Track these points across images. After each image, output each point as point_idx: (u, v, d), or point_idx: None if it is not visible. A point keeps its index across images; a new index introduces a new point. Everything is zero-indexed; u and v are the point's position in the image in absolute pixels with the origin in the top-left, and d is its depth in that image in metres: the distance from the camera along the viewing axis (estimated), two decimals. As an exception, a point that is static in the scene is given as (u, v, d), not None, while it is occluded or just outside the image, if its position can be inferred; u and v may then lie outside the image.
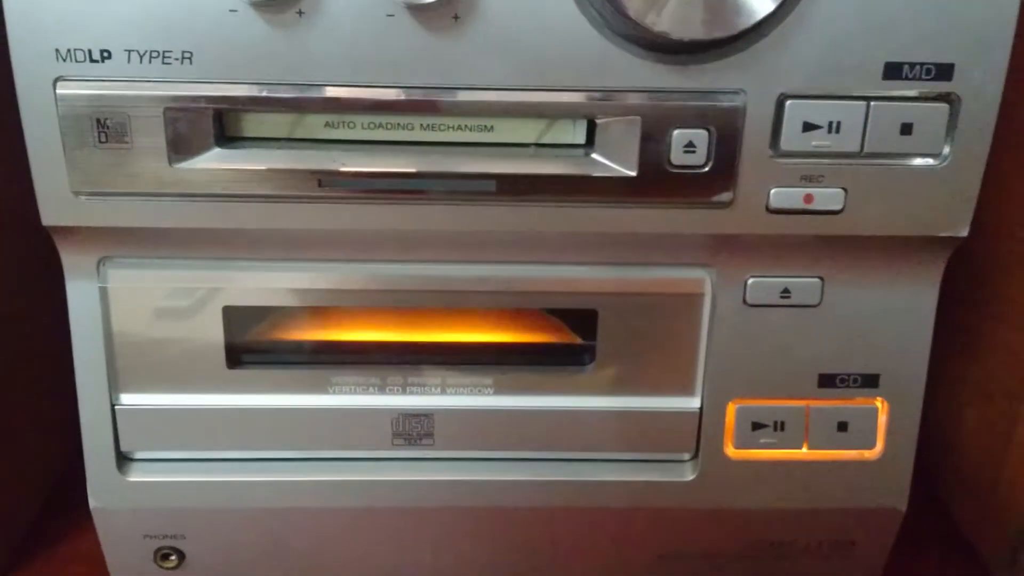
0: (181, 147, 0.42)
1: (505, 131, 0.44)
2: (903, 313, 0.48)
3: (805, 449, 0.50)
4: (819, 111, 0.42)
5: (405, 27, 0.40)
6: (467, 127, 0.44)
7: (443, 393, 0.49)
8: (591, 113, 0.42)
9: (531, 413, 0.49)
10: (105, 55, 0.41)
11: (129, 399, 0.48)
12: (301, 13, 0.40)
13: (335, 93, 0.42)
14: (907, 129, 0.43)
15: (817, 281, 0.47)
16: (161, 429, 0.49)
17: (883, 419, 0.50)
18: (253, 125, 0.43)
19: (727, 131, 0.42)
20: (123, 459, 0.49)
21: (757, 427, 0.49)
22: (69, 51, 0.40)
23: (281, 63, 0.41)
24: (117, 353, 0.47)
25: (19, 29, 0.40)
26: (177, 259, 0.46)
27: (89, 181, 0.43)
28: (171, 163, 0.42)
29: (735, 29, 0.39)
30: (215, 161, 0.43)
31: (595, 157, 0.43)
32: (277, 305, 0.48)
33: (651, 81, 0.42)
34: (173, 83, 0.41)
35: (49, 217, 0.44)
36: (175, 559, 0.52)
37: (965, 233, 0.45)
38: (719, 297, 0.47)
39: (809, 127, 0.43)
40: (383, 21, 0.40)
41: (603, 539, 0.52)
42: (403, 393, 0.49)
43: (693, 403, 0.49)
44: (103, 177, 0.42)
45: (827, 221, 0.44)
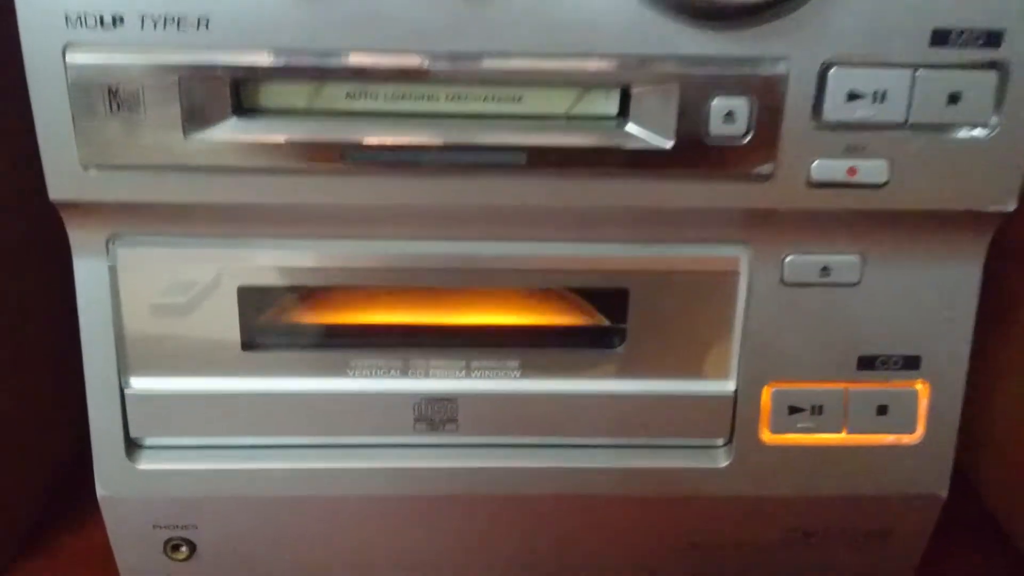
0: (196, 117, 0.40)
1: (535, 102, 0.42)
2: (946, 292, 0.46)
3: (844, 434, 0.48)
4: (864, 79, 0.41)
5: (431, -11, 0.38)
6: (495, 98, 0.42)
7: (467, 376, 0.47)
8: (626, 81, 0.41)
9: (559, 397, 0.47)
10: (117, 20, 0.39)
11: (139, 383, 0.46)
12: (323, -25, 0.38)
13: (358, 60, 0.40)
14: (954, 98, 0.41)
15: (857, 259, 0.45)
16: (172, 414, 0.47)
17: (924, 402, 0.48)
18: (271, 96, 0.41)
19: (769, 100, 0.40)
20: (132, 446, 0.47)
21: (794, 411, 0.47)
22: (79, 16, 0.38)
23: (302, 29, 0.39)
24: (127, 335, 0.46)
25: (26, -8, 0.38)
26: (190, 237, 0.44)
27: (99, 153, 0.41)
28: (186, 134, 0.40)
29: (779, -9, 0.37)
30: (232, 132, 0.41)
31: (629, 128, 0.41)
32: (294, 285, 0.46)
33: (689, 47, 0.40)
34: (188, 50, 0.39)
35: (57, 192, 0.42)
36: (186, 550, 0.50)
37: (1013, 207, 0.43)
38: (755, 275, 0.45)
39: (853, 96, 0.41)
40: (408, -17, 0.38)
41: (633, 528, 0.50)
42: (426, 376, 0.47)
43: (727, 386, 0.47)
44: (114, 149, 0.40)
45: (869, 195, 0.43)
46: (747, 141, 0.41)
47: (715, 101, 0.40)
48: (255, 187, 0.42)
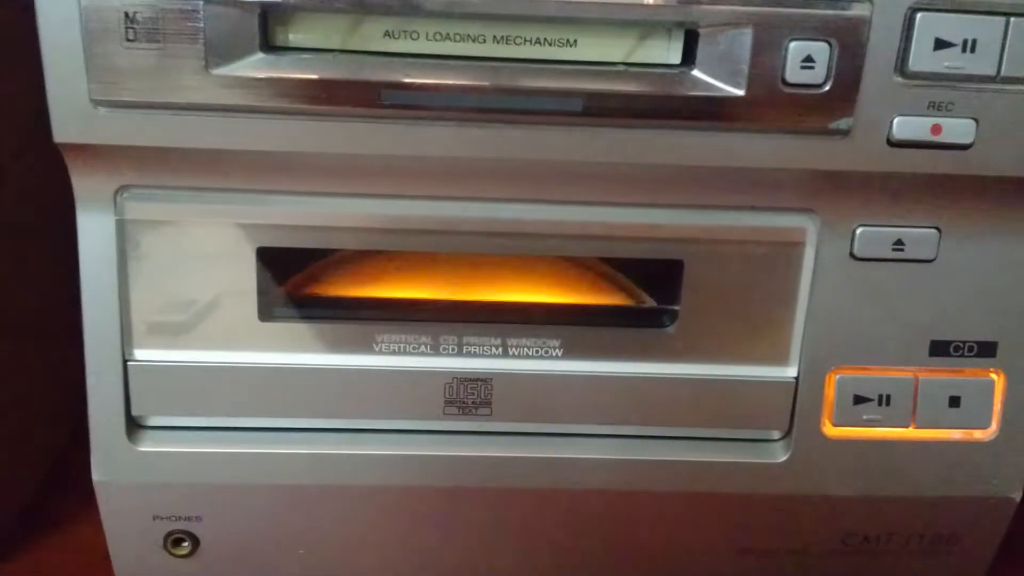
0: (220, 51, 0.37)
1: (590, 47, 0.38)
2: (1028, 272, 0.42)
3: (912, 428, 0.44)
4: (953, 26, 0.37)
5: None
6: (548, 41, 0.38)
7: (504, 355, 0.43)
8: (694, 20, 0.37)
9: (603, 380, 0.43)
10: (136, -62, 0.35)
11: (144, 354, 0.42)
12: None
13: (401, -10, 0.36)
14: (1052, 48, 0.37)
15: (934, 232, 0.42)
16: (179, 390, 0.43)
17: (999, 394, 0.44)
18: (302, 32, 0.38)
19: (850, 45, 0.37)
20: (134, 425, 0.43)
21: (860, 401, 0.43)
22: (94, -68, 0.35)
23: (340, -46, 0.35)
24: (133, 300, 0.41)
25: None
26: (206, 191, 0.40)
27: (112, 88, 0.37)
28: (208, 68, 0.36)
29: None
30: (258, 68, 0.37)
31: (697, 74, 0.37)
32: (319, 247, 0.42)
33: (764, -16, 0.36)
34: (214, -27, 0.35)
35: (63, 132, 0.38)
36: (188, 545, 0.45)
37: (1108, 177, 0.40)
38: (823, 248, 0.41)
39: (941, 44, 0.37)
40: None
41: (679, 528, 0.46)
42: (458, 355, 0.43)
43: (788, 372, 0.43)
44: (128, 84, 0.37)
45: (952, 158, 0.39)
46: (826, 90, 0.37)
47: (793, 44, 0.37)
48: (281, 133, 0.38)
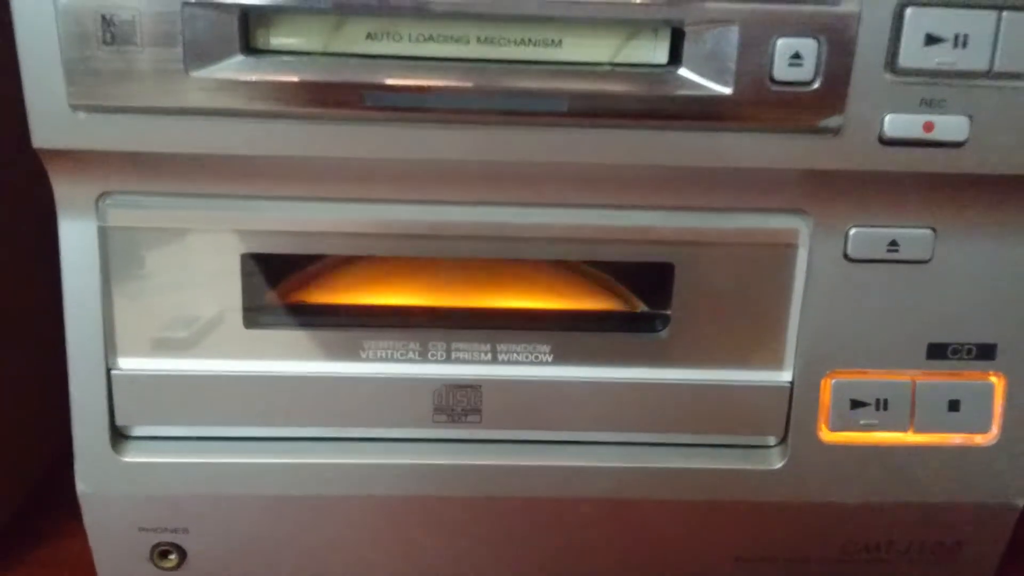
0: (200, 53, 0.36)
1: (575, 47, 0.38)
2: (1026, 273, 0.41)
3: (910, 432, 0.43)
4: (944, 20, 0.37)
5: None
6: (532, 42, 0.38)
7: (493, 362, 0.42)
8: (680, 18, 0.36)
9: (594, 386, 0.42)
10: (113, -60, 0.34)
11: (128, 363, 0.42)
12: None
13: (382, -9, 0.36)
14: (1044, 45, 0.37)
15: (929, 232, 0.41)
16: (164, 400, 0.42)
17: (999, 398, 0.43)
18: (283, 34, 0.37)
19: (839, 42, 0.37)
20: (118, 436, 0.43)
21: (856, 405, 0.43)
22: (71, -66, 0.34)
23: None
24: (116, 308, 0.41)
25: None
26: (189, 196, 0.40)
27: (90, 93, 0.36)
28: (188, 71, 0.36)
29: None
30: (239, 71, 0.36)
31: (684, 73, 0.37)
32: (304, 253, 0.41)
33: (751, -20, 0.36)
34: (193, -26, 0.35)
35: (42, 138, 0.37)
36: (175, 558, 0.44)
37: (1104, 173, 0.39)
38: (816, 250, 0.41)
39: (932, 40, 0.37)
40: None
41: (673, 537, 0.45)
42: (447, 361, 0.42)
43: (783, 377, 0.43)
44: (107, 88, 0.36)
45: (946, 156, 0.38)
46: (815, 87, 0.37)
47: (780, 41, 0.36)
48: (263, 136, 0.38)
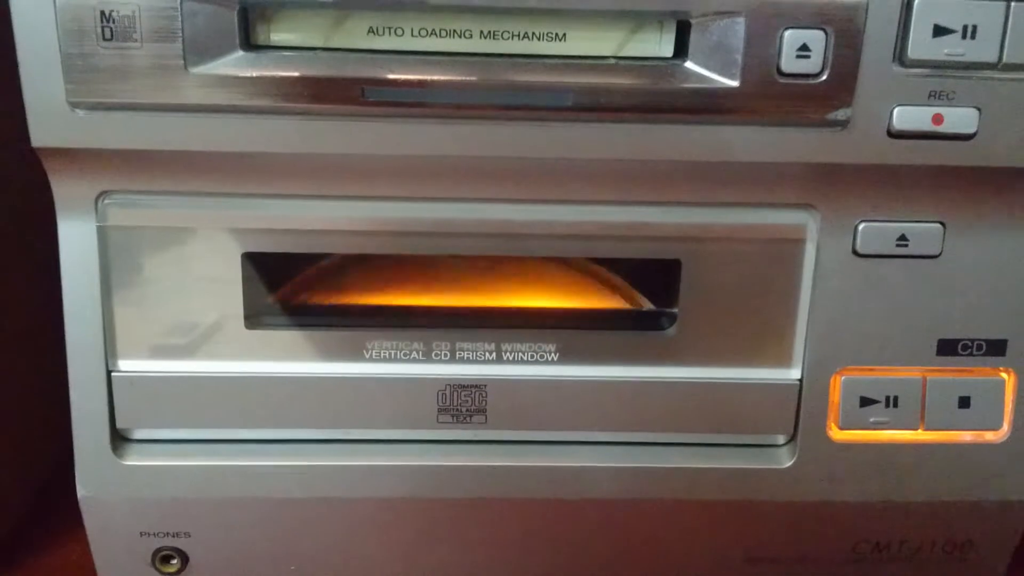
0: (200, 49, 0.36)
1: (580, 41, 0.38)
2: (1037, 267, 0.41)
3: (921, 430, 0.42)
4: (953, 11, 0.36)
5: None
6: (536, 35, 0.37)
7: (498, 361, 0.42)
8: (686, 10, 0.36)
9: (601, 386, 0.42)
10: (112, -65, 0.34)
11: (128, 365, 0.41)
12: None
13: (384, -16, 0.35)
14: (1054, 36, 0.36)
15: (938, 227, 0.40)
16: (165, 402, 0.41)
17: (1010, 394, 0.42)
18: (284, 29, 0.37)
19: (847, 33, 0.36)
20: (119, 439, 0.42)
21: (866, 403, 0.42)
22: (69, -71, 0.34)
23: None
24: (116, 309, 0.40)
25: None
26: (189, 195, 0.39)
27: (89, 90, 0.36)
28: (187, 67, 0.35)
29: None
30: (240, 67, 0.36)
31: (690, 66, 0.36)
32: (306, 252, 0.41)
33: (757, -29, 0.35)
34: (192, -31, 0.35)
35: (40, 137, 0.37)
36: (177, 563, 0.44)
37: (1117, 166, 0.38)
38: (824, 245, 0.40)
39: (940, 31, 0.36)
40: None
41: (682, 537, 0.44)
42: (451, 361, 0.42)
43: (792, 374, 0.42)
44: (106, 85, 0.36)
45: (955, 148, 0.38)
46: (823, 79, 0.36)
47: (788, 33, 0.36)
48: (264, 132, 0.37)
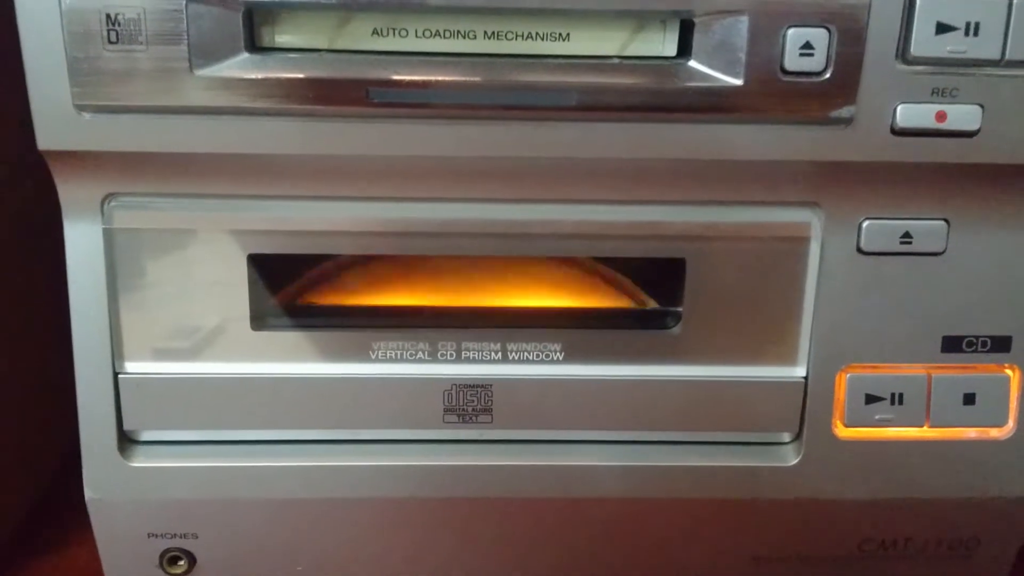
0: (205, 51, 0.36)
1: (583, 41, 0.38)
2: (1041, 263, 0.41)
3: (926, 427, 0.42)
4: (955, 9, 0.36)
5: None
6: (539, 35, 0.37)
7: (503, 361, 0.42)
8: (689, 9, 0.36)
9: (606, 385, 0.42)
10: (117, -62, 0.34)
11: (135, 367, 0.41)
12: None
13: (388, -15, 0.35)
14: (1057, 31, 0.36)
15: (942, 224, 0.40)
16: (172, 403, 0.41)
17: (1015, 390, 0.42)
18: (288, 31, 0.37)
19: (850, 31, 0.36)
20: (126, 440, 0.42)
21: (872, 400, 0.42)
22: (74, -67, 0.34)
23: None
24: (122, 310, 0.41)
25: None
26: (195, 197, 0.39)
27: (95, 93, 0.36)
28: (193, 69, 0.36)
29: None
30: (245, 69, 0.36)
31: (693, 65, 0.37)
32: (312, 253, 0.41)
33: (759, -30, 0.36)
34: (197, -28, 0.35)
35: (46, 140, 0.37)
36: (184, 564, 0.44)
37: (1121, 163, 0.38)
38: (828, 243, 0.40)
39: (943, 28, 0.36)
40: None
41: (688, 536, 0.44)
42: (457, 361, 0.42)
43: (797, 372, 0.42)
44: (112, 88, 0.36)
45: (959, 146, 0.38)
46: (827, 77, 0.36)
47: (791, 31, 0.36)
48: (269, 134, 0.37)
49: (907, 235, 0.40)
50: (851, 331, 0.41)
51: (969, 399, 0.42)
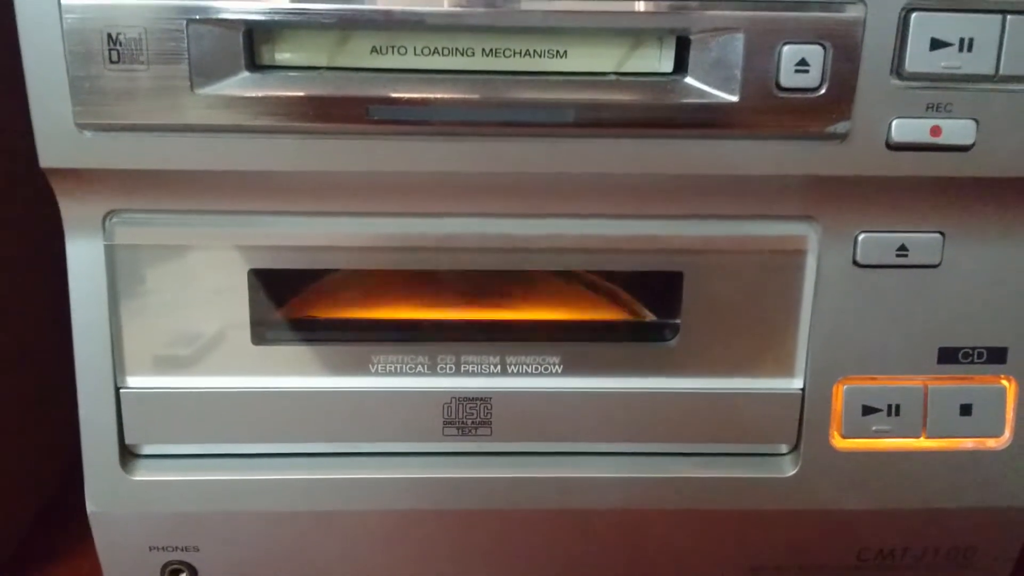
0: (206, 70, 0.36)
1: (581, 58, 0.38)
2: (1036, 276, 0.41)
3: (923, 438, 0.43)
4: (949, 25, 0.37)
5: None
6: (537, 53, 0.38)
7: (503, 374, 0.42)
8: (685, 26, 0.36)
9: (604, 397, 0.42)
10: (118, -41, 0.35)
11: (136, 381, 0.41)
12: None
13: (386, 5, 0.36)
14: (1051, 47, 0.37)
15: (938, 237, 0.41)
16: (173, 418, 0.42)
17: (1011, 401, 0.43)
18: (288, 50, 0.37)
19: (845, 48, 0.37)
20: (128, 454, 0.42)
21: (868, 411, 0.42)
22: (76, -46, 0.34)
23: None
24: (124, 326, 0.41)
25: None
26: (196, 213, 0.40)
27: (97, 112, 0.36)
28: (193, 88, 0.36)
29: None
30: (245, 87, 0.36)
31: (689, 81, 0.37)
32: (311, 268, 0.41)
33: (755, -12, 0.36)
34: (197, -8, 0.35)
35: (49, 158, 0.37)
36: (186, 576, 0.44)
37: (1112, 175, 0.39)
38: (825, 256, 0.41)
39: (937, 44, 0.37)
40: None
41: (687, 547, 0.45)
42: (456, 374, 0.42)
43: (794, 384, 0.42)
44: (113, 107, 0.36)
45: (953, 160, 0.38)
46: (822, 93, 0.37)
47: (786, 48, 0.36)
48: (270, 152, 0.37)
49: (903, 248, 0.41)
50: (848, 343, 0.42)
51: (966, 410, 0.43)
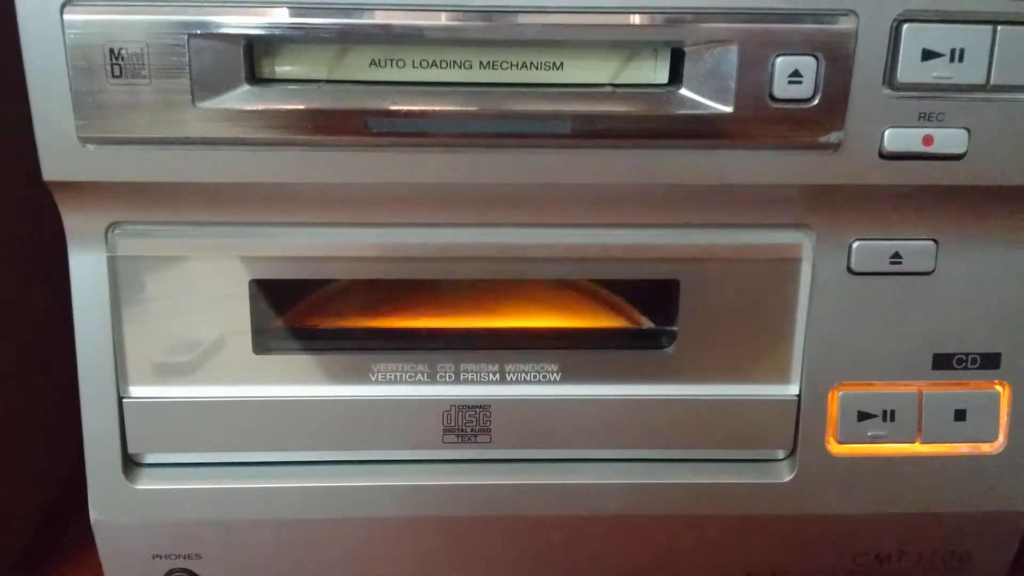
0: (207, 84, 0.37)
1: (576, 70, 0.38)
2: (1028, 282, 0.42)
3: (918, 443, 0.43)
4: (940, 36, 0.37)
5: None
6: (534, 65, 0.38)
7: (502, 381, 0.43)
8: (679, 39, 0.37)
9: (602, 404, 0.43)
10: (120, -25, 0.35)
11: (139, 391, 0.42)
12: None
13: (385, 19, 0.36)
14: (1040, 59, 0.37)
15: (931, 244, 0.41)
16: (176, 427, 0.42)
17: (1005, 406, 0.43)
18: (288, 63, 0.38)
19: (837, 59, 0.37)
20: (131, 463, 0.43)
21: (864, 417, 0.43)
22: (79, -30, 0.35)
23: (323, -16, 0.35)
24: (126, 336, 0.41)
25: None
26: (197, 225, 0.40)
27: (99, 126, 0.37)
28: (195, 102, 0.36)
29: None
30: (246, 100, 0.37)
31: (684, 92, 0.37)
32: (312, 278, 0.41)
33: (748, 0, 0.36)
34: (198, 7, 0.36)
35: (52, 171, 0.38)
36: (189, 584, 0.44)
37: (1104, 182, 0.39)
38: (820, 264, 0.41)
39: (929, 55, 0.37)
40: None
41: (684, 552, 0.45)
42: (455, 382, 0.43)
43: (790, 390, 0.43)
44: (116, 120, 0.37)
45: (946, 169, 0.39)
46: (815, 104, 0.37)
47: (779, 59, 0.37)
48: (270, 164, 0.38)
49: (897, 255, 0.41)
50: (843, 349, 0.42)
51: (960, 415, 0.43)
